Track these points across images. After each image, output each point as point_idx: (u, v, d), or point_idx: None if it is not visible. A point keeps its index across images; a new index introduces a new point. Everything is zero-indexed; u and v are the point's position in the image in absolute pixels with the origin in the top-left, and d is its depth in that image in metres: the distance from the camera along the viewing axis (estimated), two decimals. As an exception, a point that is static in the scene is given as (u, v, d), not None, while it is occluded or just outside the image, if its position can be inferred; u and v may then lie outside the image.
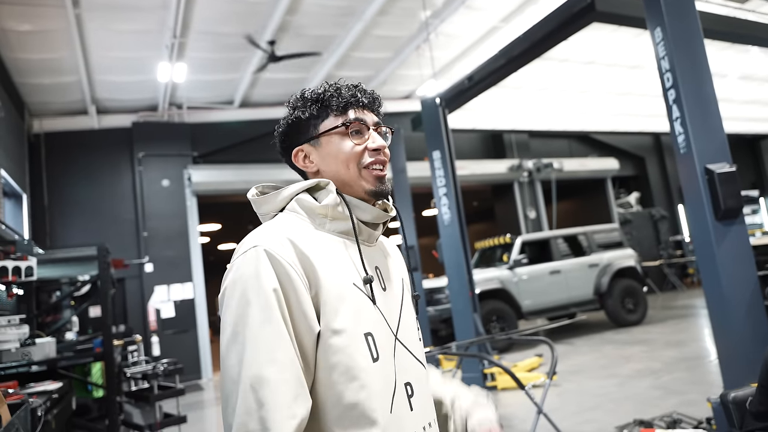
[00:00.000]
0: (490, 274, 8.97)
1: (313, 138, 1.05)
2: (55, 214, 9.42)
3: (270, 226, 0.99)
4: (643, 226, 14.99)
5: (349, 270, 0.97)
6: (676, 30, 3.61)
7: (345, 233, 1.02)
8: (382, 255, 1.10)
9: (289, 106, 1.09)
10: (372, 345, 0.93)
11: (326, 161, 1.04)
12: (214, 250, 21.10)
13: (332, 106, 1.04)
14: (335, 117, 1.04)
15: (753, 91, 13.49)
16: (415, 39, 8.95)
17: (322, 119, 1.05)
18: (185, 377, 7.62)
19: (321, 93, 1.05)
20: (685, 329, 8.58)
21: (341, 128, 1.03)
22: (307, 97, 1.06)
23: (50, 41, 7.46)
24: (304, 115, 1.05)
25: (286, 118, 1.08)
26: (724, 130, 3.54)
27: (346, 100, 1.04)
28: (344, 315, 0.92)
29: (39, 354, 3.58)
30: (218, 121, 10.77)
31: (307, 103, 1.06)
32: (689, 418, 4.00)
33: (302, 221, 1.01)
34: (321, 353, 0.90)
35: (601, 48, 10.09)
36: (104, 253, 4.23)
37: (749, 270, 3.40)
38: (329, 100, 1.04)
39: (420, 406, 0.99)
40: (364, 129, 1.05)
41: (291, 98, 1.09)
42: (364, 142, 1.04)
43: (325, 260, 0.95)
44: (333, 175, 1.04)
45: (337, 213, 1.01)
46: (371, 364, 0.92)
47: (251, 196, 1.08)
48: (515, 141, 14.07)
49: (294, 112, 1.07)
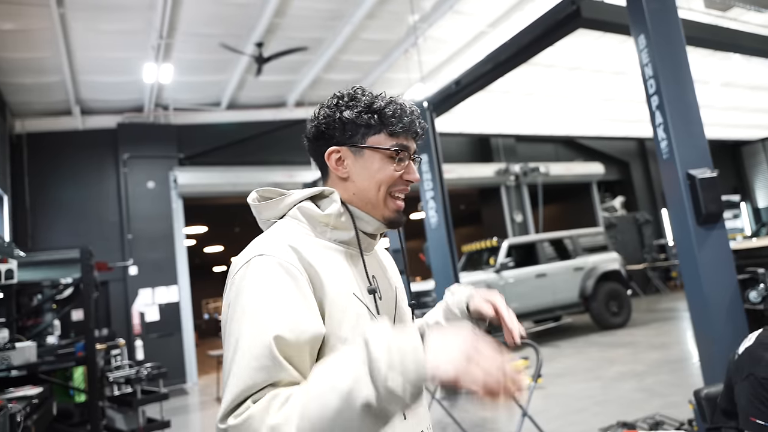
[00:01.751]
0: (477, 278, 9.00)
1: (357, 146, 1.02)
2: (38, 215, 9.29)
3: (271, 234, 0.98)
4: (627, 230, 15.16)
5: (349, 280, 0.97)
6: (659, 37, 3.67)
7: (345, 242, 1.02)
8: (377, 263, 1.10)
9: (338, 100, 1.05)
10: None
11: (361, 174, 1.02)
12: (200, 253, 20.94)
13: (388, 125, 1.02)
14: (387, 136, 1.02)
15: (734, 98, 13.71)
16: (403, 43, 8.98)
17: (373, 132, 1.02)
18: (169, 381, 7.54)
19: (382, 106, 1.02)
20: (668, 332, 8.68)
21: (391, 152, 1.02)
22: (365, 102, 1.03)
23: (34, 41, 7.36)
24: (357, 119, 1.02)
25: (332, 108, 1.04)
26: (705, 136, 3.60)
27: (405, 127, 1.03)
28: (348, 324, 0.92)
29: (19, 358, 3.52)
30: (205, 122, 10.70)
31: (364, 109, 1.02)
32: (671, 419, 4.05)
33: (303, 229, 1.00)
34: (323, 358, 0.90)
35: (587, 54, 10.20)
36: (87, 255, 4.18)
37: (729, 273, 3.46)
38: (388, 119, 1.02)
39: (413, 414, 0.99)
40: (406, 158, 1.05)
41: (343, 92, 1.06)
42: (402, 170, 1.04)
43: (328, 269, 0.94)
44: (360, 190, 1.03)
45: (339, 223, 1.00)
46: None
47: (251, 201, 1.06)
48: (502, 145, 14.16)
49: (345, 111, 1.03)
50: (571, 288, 9.48)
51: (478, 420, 5.15)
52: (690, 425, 3.79)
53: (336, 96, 1.06)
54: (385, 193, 1.03)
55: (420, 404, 1.04)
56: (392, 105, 1.03)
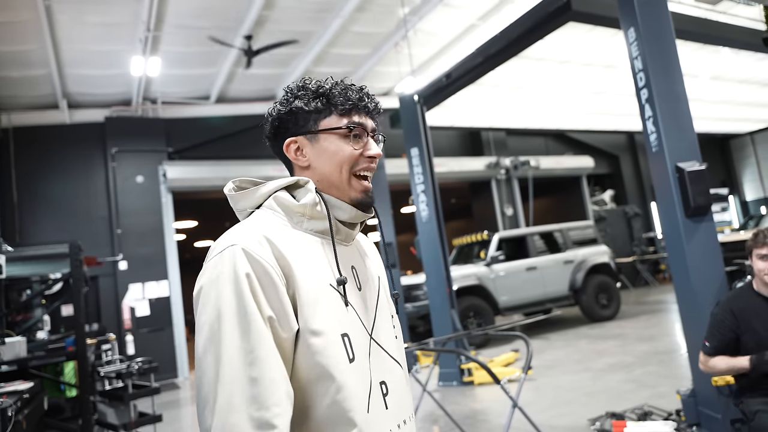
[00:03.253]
0: (468, 271, 9.04)
1: (311, 132, 1.03)
2: (25, 210, 9.18)
3: (246, 224, 0.98)
4: (617, 223, 15.28)
5: (325, 271, 0.96)
6: (649, 30, 3.69)
7: (322, 232, 1.01)
8: (358, 254, 1.09)
9: (288, 93, 1.06)
10: (348, 346, 0.93)
11: (320, 159, 1.02)
12: (190, 248, 20.81)
13: (338, 105, 1.02)
14: (338, 117, 1.02)
15: (723, 92, 13.82)
16: (393, 36, 8.95)
17: (324, 116, 1.03)
18: (160, 376, 7.51)
19: (329, 89, 1.03)
20: (656, 324, 8.78)
21: (344, 130, 1.02)
22: (312, 89, 1.04)
23: (19, 33, 7.25)
24: (307, 107, 1.02)
25: (284, 103, 1.05)
26: (694, 130, 3.63)
27: (354, 102, 1.03)
28: (321, 316, 0.91)
29: (9, 353, 3.50)
30: (194, 116, 10.62)
31: (312, 95, 1.03)
32: (659, 410, 4.11)
33: (279, 219, 1.00)
34: (300, 353, 0.89)
35: (577, 47, 10.23)
36: (76, 250, 4.15)
37: (717, 265, 3.50)
38: (335, 99, 1.02)
39: (395, 404, 0.99)
40: (363, 134, 1.04)
41: (292, 85, 1.06)
42: (361, 148, 1.03)
43: (302, 260, 0.94)
44: (323, 175, 1.02)
45: (315, 212, 1.00)
46: (348, 365, 0.91)
47: (228, 190, 1.06)
48: (493, 139, 14.19)
49: (294, 101, 1.03)
50: (561, 281, 9.55)
51: (469, 412, 5.19)
52: (678, 415, 3.85)
53: (286, 90, 1.06)
54: (348, 174, 1.02)
55: (403, 394, 1.03)
56: (338, 86, 1.04)
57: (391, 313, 1.11)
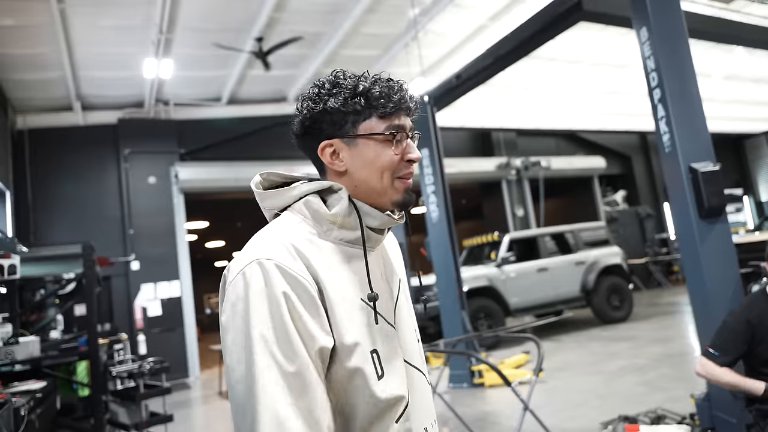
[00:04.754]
0: (478, 272, 9.01)
1: (349, 136, 0.95)
2: (40, 211, 9.30)
3: (273, 232, 0.93)
4: (629, 224, 15.14)
5: (355, 284, 0.93)
6: (661, 30, 3.65)
7: (352, 242, 0.96)
8: (382, 258, 1.05)
9: (320, 89, 0.97)
10: (377, 362, 0.90)
11: (359, 165, 0.96)
12: (201, 248, 20.97)
13: (378, 107, 0.94)
14: (378, 119, 0.95)
15: (737, 91, 13.66)
16: (403, 37, 8.95)
17: (364, 118, 0.95)
18: (172, 376, 7.55)
19: (368, 87, 0.94)
20: (670, 326, 8.69)
21: (386, 135, 0.95)
22: (349, 86, 0.94)
23: (34, 36, 7.35)
24: (343, 107, 0.94)
25: (316, 100, 0.96)
26: (708, 130, 3.58)
27: (396, 105, 0.95)
28: (354, 332, 0.88)
29: (23, 353, 3.53)
30: (205, 118, 10.69)
31: (349, 93, 0.94)
32: (673, 413, 4.06)
33: (307, 226, 0.95)
34: (335, 369, 0.87)
35: (588, 47, 10.15)
36: (89, 250, 4.19)
37: (732, 267, 3.45)
38: (376, 100, 0.94)
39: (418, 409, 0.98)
40: (404, 138, 0.97)
41: (324, 79, 0.98)
42: (402, 152, 0.96)
43: (332, 274, 0.90)
44: (361, 181, 0.96)
45: (346, 222, 0.94)
46: (377, 382, 0.89)
47: (255, 186, 1.00)
48: (503, 139, 14.13)
49: (329, 99, 0.94)
50: (572, 282, 9.48)
51: (479, 414, 5.17)
52: (692, 419, 3.80)
53: (316, 85, 0.98)
54: (390, 180, 0.96)
55: (425, 400, 1.02)
56: (378, 84, 0.95)
57: (411, 316, 1.08)
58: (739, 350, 2.51)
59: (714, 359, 2.53)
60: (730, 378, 2.49)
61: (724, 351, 2.52)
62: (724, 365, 2.51)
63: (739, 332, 2.51)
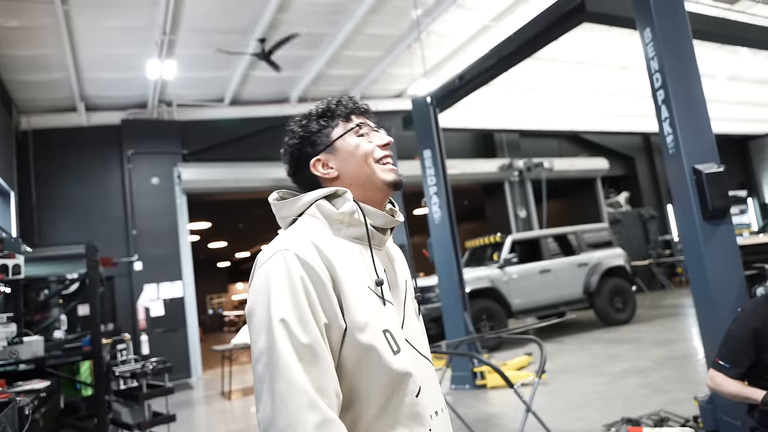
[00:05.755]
0: (481, 273, 8.99)
1: (328, 146, 1.14)
2: (44, 211, 9.33)
3: (294, 231, 1.07)
4: (632, 225, 15.11)
5: (363, 274, 1.05)
6: (665, 31, 3.64)
7: (359, 238, 1.09)
8: (388, 259, 1.18)
9: (294, 126, 1.17)
10: (391, 339, 1.01)
11: (346, 162, 1.13)
12: (204, 249, 20.99)
13: (339, 115, 1.15)
14: (344, 122, 1.15)
15: (741, 92, 13.63)
16: (406, 38, 8.95)
17: (332, 128, 1.15)
18: (174, 376, 7.56)
19: (325, 106, 1.16)
20: (673, 328, 8.66)
21: (354, 129, 1.14)
22: (313, 113, 1.17)
23: (38, 37, 7.38)
24: (315, 128, 1.14)
25: (294, 135, 1.16)
26: (712, 131, 3.57)
27: (350, 108, 1.16)
28: (363, 312, 0.99)
29: (27, 352, 3.54)
30: (208, 118, 10.71)
31: (314, 117, 1.16)
32: (676, 416, 4.04)
33: (321, 226, 1.08)
34: (348, 348, 0.97)
35: (591, 48, 10.15)
36: (93, 251, 4.20)
37: (736, 269, 3.43)
38: (334, 111, 1.15)
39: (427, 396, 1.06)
40: (369, 130, 1.16)
41: (292, 122, 1.18)
42: (373, 140, 1.15)
43: (344, 264, 1.02)
44: (353, 174, 1.13)
45: (353, 220, 1.08)
46: (393, 356, 0.99)
47: (272, 200, 1.16)
48: (506, 140, 14.11)
49: (302, 129, 1.15)
50: (575, 284, 9.46)
51: (481, 415, 5.16)
52: (695, 422, 3.79)
53: (290, 127, 1.18)
54: (373, 163, 1.12)
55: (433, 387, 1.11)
56: (328, 100, 1.17)
57: (416, 313, 1.19)
58: (749, 359, 2.44)
59: (725, 371, 2.47)
60: (733, 388, 2.45)
61: (734, 363, 2.45)
62: (736, 377, 2.45)
63: (746, 341, 2.45)
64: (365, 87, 10.74)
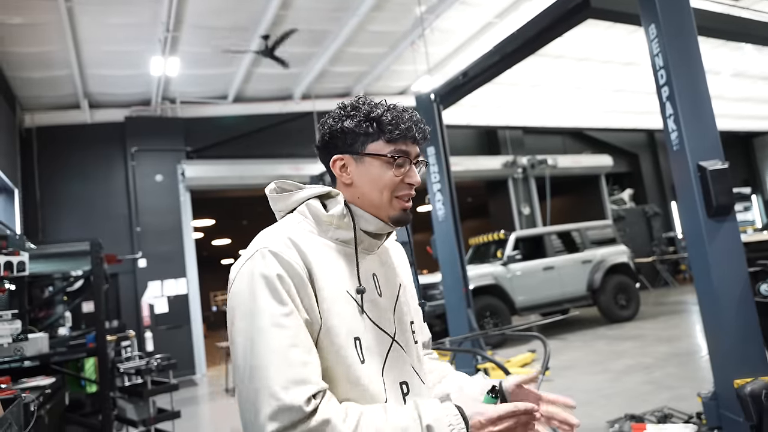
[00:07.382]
0: (484, 270, 8.99)
1: (357, 154, 1.08)
2: (48, 209, 9.36)
3: (274, 229, 1.05)
4: (636, 222, 15.06)
5: (344, 278, 1.04)
6: (670, 27, 3.62)
7: (346, 242, 1.08)
8: (380, 262, 1.15)
9: (341, 110, 1.10)
10: (359, 349, 1.00)
11: (363, 180, 1.08)
12: (208, 246, 21.04)
13: (385, 132, 1.07)
14: (385, 143, 1.07)
15: (746, 89, 13.55)
16: (409, 34, 8.93)
17: (372, 139, 1.07)
18: (179, 372, 7.60)
19: (380, 114, 1.07)
20: (676, 325, 8.64)
21: (389, 158, 1.07)
22: (364, 111, 1.08)
23: (42, 34, 7.39)
24: (357, 128, 1.07)
25: (336, 119, 1.10)
26: (716, 128, 3.55)
27: (402, 133, 1.07)
28: (338, 317, 0.99)
29: (32, 349, 3.56)
30: (212, 115, 10.72)
31: (362, 117, 1.08)
32: (680, 413, 4.04)
33: (307, 225, 1.07)
34: (320, 344, 0.97)
35: (596, 45, 10.10)
36: (97, 248, 4.21)
37: (740, 266, 3.42)
38: (385, 126, 1.07)
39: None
40: (406, 163, 1.09)
41: (346, 102, 1.11)
42: (402, 175, 1.08)
43: (323, 265, 1.01)
44: (363, 195, 1.09)
45: (341, 222, 1.07)
46: (360, 366, 0.99)
47: (269, 191, 1.14)
48: (509, 137, 14.08)
49: (346, 121, 1.08)
50: (579, 281, 9.45)
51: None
52: (699, 418, 3.78)
53: (340, 106, 1.11)
54: (389, 197, 1.08)
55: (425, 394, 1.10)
56: (390, 112, 1.08)
57: (410, 320, 1.16)
58: None
59: None
60: None
61: None
62: None
63: None
64: (368, 84, 10.72)
